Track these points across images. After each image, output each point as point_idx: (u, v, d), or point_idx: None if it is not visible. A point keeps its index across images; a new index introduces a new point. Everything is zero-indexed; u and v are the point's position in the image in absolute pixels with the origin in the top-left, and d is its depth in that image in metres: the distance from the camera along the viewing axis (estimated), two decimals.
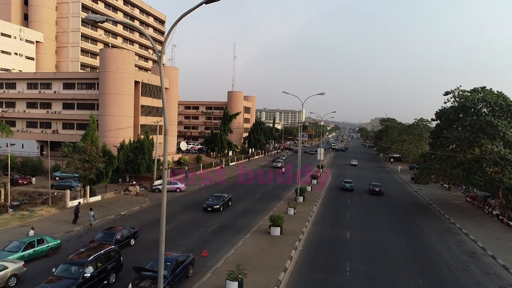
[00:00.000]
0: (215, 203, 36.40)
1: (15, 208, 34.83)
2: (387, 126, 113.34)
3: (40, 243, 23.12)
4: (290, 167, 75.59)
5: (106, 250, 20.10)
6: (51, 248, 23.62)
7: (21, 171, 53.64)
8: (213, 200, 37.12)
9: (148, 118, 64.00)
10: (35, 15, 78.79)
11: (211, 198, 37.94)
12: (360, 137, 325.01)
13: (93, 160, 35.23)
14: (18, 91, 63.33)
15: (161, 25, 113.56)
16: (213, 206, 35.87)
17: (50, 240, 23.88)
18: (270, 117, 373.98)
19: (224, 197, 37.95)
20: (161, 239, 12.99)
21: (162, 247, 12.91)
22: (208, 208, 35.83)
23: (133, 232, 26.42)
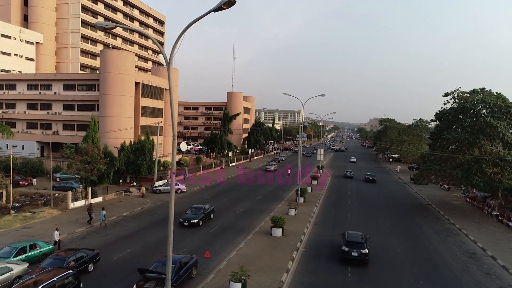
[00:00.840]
0: (193, 216, 31.20)
1: (17, 210, 34.92)
2: (386, 127, 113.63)
3: (32, 248, 22.58)
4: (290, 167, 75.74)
5: (61, 277, 16.75)
6: (43, 253, 22.97)
7: (21, 172, 53.68)
8: (191, 213, 31.80)
9: (148, 119, 64.09)
10: (35, 16, 78.79)
11: (189, 210, 32.65)
12: (359, 137, 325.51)
13: (95, 161, 35.36)
14: (19, 92, 63.33)
15: (160, 25, 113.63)
16: (190, 221, 30.56)
17: (43, 245, 23.39)
18: (269, 117, 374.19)
19: (205, 209, 32.71)
20: (169, 241, 13.12)
21: (170, 249, 13.03)
22: (184, 222, 30.52)
23: (91, 255, 21.71)
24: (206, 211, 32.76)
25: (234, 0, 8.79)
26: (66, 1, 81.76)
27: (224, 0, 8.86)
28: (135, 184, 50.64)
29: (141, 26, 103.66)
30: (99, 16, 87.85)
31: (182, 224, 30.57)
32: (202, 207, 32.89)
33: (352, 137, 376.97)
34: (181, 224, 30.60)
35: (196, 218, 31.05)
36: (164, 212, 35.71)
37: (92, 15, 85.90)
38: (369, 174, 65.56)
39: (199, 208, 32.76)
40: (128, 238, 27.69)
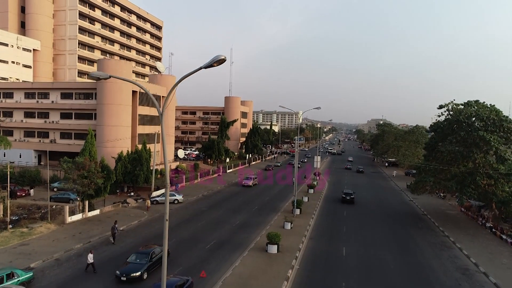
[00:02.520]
0: (134, 267, 23.25)
1: (14, 224, 35.07)
2: (383, 131, 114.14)
3: (9, 277, 20.98)
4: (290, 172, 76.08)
5: None
6: (22, 283, 21.33)
7: (19, 181, 53.80)
8: (134, 261, 24.02)
9: (145, 127, 64.38)
10: (32, 23, 78.89)
11: (133, 255, 24.65)
12: (357, 138, 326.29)
13: (92, 175, 35.54)
14: (16, 100, 63.44)
15: (158, 30, 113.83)
16: (130, 274, 22.78)
17: (21, 274, 21.79)
18: (267, 119, 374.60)
19: (153, 254, 24.68)
20: (164, 262, 13.38)
21: (164, 273, 13.28)
22: (121, 277, 22.68)
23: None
24: (154, 257, 24.54)
25: (224, 59, 9.08)
26: (63, 7, 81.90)
27: (215, 59, 9.16)
28: (132, 194, 50.85)
29: (139, 32, 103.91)
30: (96, 23, 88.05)
31: (119, 279, 22.72)
32: (149, 252, 24.67)
33: (350, 138, 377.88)
34: (118, 278, 22.80)
35: (139, 270, 23.05)
36: (160, 226, 35.87)
37: (89, 21, 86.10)
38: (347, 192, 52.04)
39: (144, 253, 24.51)
40: (124, 255, 27.88)
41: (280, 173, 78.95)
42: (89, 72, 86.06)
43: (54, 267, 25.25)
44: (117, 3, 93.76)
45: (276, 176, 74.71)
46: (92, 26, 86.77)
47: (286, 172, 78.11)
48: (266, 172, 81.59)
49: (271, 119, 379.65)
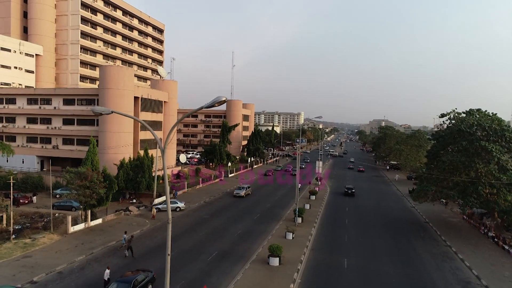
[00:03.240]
0: None
1: (17, 234, 35.24)
2: (385, 134, 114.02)
3: None
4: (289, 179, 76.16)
5: None
6: None
7: (21, 188, 54.03)
8: None
9: (147, 133, 64.42)
10: (35, 28, 79.18)
11: (114, 284, 22.52)
12: (358, 139, 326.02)
13: (94, 186, 35.69)
14: (18, 106, 63.72)
15: (159, 34, 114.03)
16: None
17: None
18: (269, 120, 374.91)
19: (136, 282, 22.53)
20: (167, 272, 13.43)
21: None
22: None
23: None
24: (138, 285, 22.57)
25: (225, 100, 9.16)
26: (66, 12, 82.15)
27: (216, 100, 9.25)
28: (134, 201, 51.01)
29: (140, 35, 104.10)
30: (98, 27, 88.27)
31: None
32: (131, 280, 22.44)
33: (352, 139, 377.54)
34: None
35: None
36: (163, 236, 36.06)
37: (91, 26, 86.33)
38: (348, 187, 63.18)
39: (127, 282, 22.35)
40: (125, 268, 27.99)
41: (279, 178, 78.69)
42: (92, 76, 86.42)
43: (57, 281, 25.38)
44: (119, 7, 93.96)
45: (276, 181, 74.79)
46: (94, 30, 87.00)
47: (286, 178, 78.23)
48: (265, 177, 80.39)
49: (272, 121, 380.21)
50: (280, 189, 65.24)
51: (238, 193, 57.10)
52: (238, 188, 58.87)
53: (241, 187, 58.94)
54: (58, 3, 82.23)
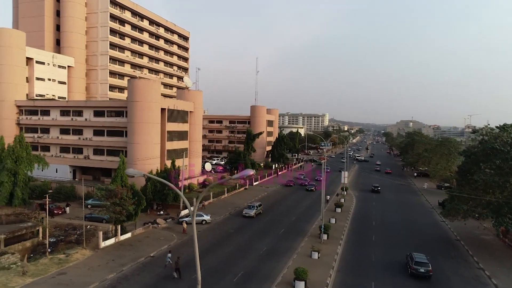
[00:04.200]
0: None
1: (52, 247, 36.83)
2: (413, 140, 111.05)
3: None
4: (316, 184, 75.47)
5: None
6: None
7: (55, 198, 56.32)
8: None
9: (173, 143, 65.77)
10: (67, 41, 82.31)
11: None
12: (385, 141, 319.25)
13: (124, 202, 36.76)
14: (52, 118, 66.49)
15: (185, 41, 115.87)
16: None
17: None
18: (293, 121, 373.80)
19: None
20: None
21: None
22: None
23: None
24: None
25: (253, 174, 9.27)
26: (95, 24, 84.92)
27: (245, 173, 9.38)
28: (162, 212, 52.09)
29: (166, 43, 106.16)
30: (126, 37, 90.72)
31: None
32: None
33: (378, 141, 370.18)
34: None
35: None
36: (189, 252, 36.63)
37: (119, 36, 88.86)
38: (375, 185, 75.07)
39: None
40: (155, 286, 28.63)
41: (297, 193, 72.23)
42: (121, 86, 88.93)
43: None
44: (145, 17, 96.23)
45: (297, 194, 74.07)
46: (122, 41, 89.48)
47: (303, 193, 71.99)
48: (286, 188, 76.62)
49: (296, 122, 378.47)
50: (305, 199, 64.88)
51: (248, 213, 51.78)
52: (248, 207, 53.37)
53: (252, 206, 53.46)
54: (88, 15, 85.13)
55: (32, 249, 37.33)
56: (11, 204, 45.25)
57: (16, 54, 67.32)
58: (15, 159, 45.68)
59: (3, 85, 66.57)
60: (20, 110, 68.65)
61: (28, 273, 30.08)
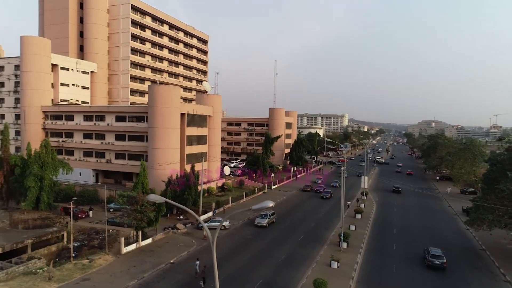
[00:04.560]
0: None
1: (76, 252, 37.90)
2: (435, 142, 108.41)
3: None
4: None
5: None
6: None
7: (79, 201, 57.87)
8: None
9: (193, 148, 66.46)
10: (90, 47, 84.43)
11: None
12: (406, 142, 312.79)
13: (145, 209, 37.42)
14: (76, 122, 68.34)
15: (204, 45, 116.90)
16: None
17: None
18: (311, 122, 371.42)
19: None
20: None
21: None
22: None
23: None
24: None
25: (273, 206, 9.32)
26: (117, 30, 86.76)
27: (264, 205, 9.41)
28: (181, 217, 52.73)
29: (186, 47, 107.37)
30: (146, 42, 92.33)
31: None
32: None
33: (399, 141, 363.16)
34: None
35: None
36: (208, 258, 36.87)
37: (140, 42, 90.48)
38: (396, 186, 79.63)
39: None
40: None
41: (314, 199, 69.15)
42: (141, 90, 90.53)
43: None
44: (165, 22, 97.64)
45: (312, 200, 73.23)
46: (143, 46, 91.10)
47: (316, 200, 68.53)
48: (303, 194, 74.48)
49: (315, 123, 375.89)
50: (323, 205, 64.34)
51: (260, 222, 49.48)
52: (260, 216, 50.70)
53: (264, 215, 50.75)
54: (110, 21, 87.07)
55: (57, 253, 38.51)
56: (37, 208, 46.70)
57: (42, 61, 69.54)
58: (41, 165, 47.14)
59: (30, 91, 68.88)
60: (46, 115, 70.87)
61: (53, 278, 31.07)
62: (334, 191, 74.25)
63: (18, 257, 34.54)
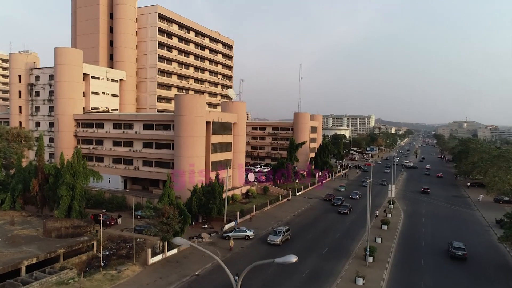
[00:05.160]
0: None
1: (106, 261, 39.16)
2: (467, 147, 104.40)
3: None
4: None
5: None
6: None
7: (108, 207, 59.84)
8: None
9: (218, 155, 67.13)
10: (119, 56, 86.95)
11: None
12: (436, 144, 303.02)
13: (171, 221, 38.18)
14: (106, 130, 70.58)
15: (229, 50, 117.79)
16: None
17: None
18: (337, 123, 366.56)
19: None
20: None
21: None
22: None
23: None
24: None
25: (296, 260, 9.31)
26: (145, 39, 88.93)
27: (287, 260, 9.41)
28: (206, 226, 53.35)
29: (211, 53, 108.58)
30: (173, 50, 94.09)
31: None
32: None
33: (428, 143, 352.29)
34: None
35: None
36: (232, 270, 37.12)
37: (167, 49, 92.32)
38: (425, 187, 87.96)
39: None
40: None
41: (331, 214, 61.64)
42: (168, 96, 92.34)
43: None
44: (191, 29, 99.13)
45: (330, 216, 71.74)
46: (170, 53, 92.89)
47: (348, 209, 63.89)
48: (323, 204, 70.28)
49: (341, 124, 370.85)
50: (340, 222, 63.26)
51: (273, 240, 45.78)
52: (274, 233, 47.10)
53: (277, 232, 47.00)
54: (139, 30, 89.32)
55: (87, 262, 39.91)
56: (69, 216, 48.59)
57: (75, 71, 72.27)
58: (73, 174, 49.00)
59: (63, 100, 71.75)
60: (77, 123, 73.59)
61: None
62: (354, 204, 69.46)
63: (51, 266, 36.08)
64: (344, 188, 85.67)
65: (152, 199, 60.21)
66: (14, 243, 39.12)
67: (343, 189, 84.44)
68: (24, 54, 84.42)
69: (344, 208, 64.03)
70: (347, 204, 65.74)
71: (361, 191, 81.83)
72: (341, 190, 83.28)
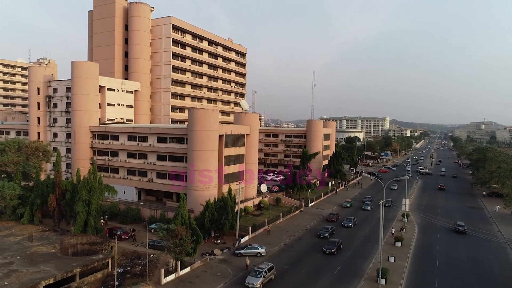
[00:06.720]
0: None
1: (120, 279, 39.95)
2: (484, 156, 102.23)
3: None
4: None
5: None
6: None
7: (123, 220, 60.97)
8: None
9: (230, 167, 67.60)
10: (134, 67, 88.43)
11: None
12: (453, 147, 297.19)
13: (184, 243, 38.72)
14: (121, 142, 71.85)
15: (242, 57, 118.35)
16: None
17: None
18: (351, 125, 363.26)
19: None
20: None
21: None
22: None
23: None
24: None
25: None
26: (159, 50, 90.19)
27: None
28: (218, 241, 53.79)
29: (224, 62, 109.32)
30: (187, 60, 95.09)
31: None
32: None
33: (445, 145, 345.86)
34: None
35: None
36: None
37: (181, 59, 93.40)
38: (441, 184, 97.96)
39: None
40: None
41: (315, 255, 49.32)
42: (182, 106, 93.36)
43: None
44: (205, 38, 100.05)
45: None
46: (183, 63, 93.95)
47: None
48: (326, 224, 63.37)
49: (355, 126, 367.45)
50: (361, 228, 62.81)
51: (252, 283, 37.96)
52: (254, 273, 39.26)
53: (258, 271, 39.29)
54: (153, 41, 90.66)
55: (102, 281, 40.77)
56: (85, 231, 49.71)
57: (91, 84, 73.84)
58: (89, 190, 50.14)
59: (79, 112, 73.37)
60: (94, 134, 75.12)
61: None
62: (347, 236, 56.74)
63: (67, 286, 37.05)
64: (350, 204, 78.85)
65: (166, 212, 61.19)
66: (32, 262, 40.30)
67: (348, 205, 78.33)
68: (42, 67, 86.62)
69: (331, 246, 49.88)
70: (335, 240, 51.64)
71: (359, 216, 69.78)
72: (346, 207, 77.81)
